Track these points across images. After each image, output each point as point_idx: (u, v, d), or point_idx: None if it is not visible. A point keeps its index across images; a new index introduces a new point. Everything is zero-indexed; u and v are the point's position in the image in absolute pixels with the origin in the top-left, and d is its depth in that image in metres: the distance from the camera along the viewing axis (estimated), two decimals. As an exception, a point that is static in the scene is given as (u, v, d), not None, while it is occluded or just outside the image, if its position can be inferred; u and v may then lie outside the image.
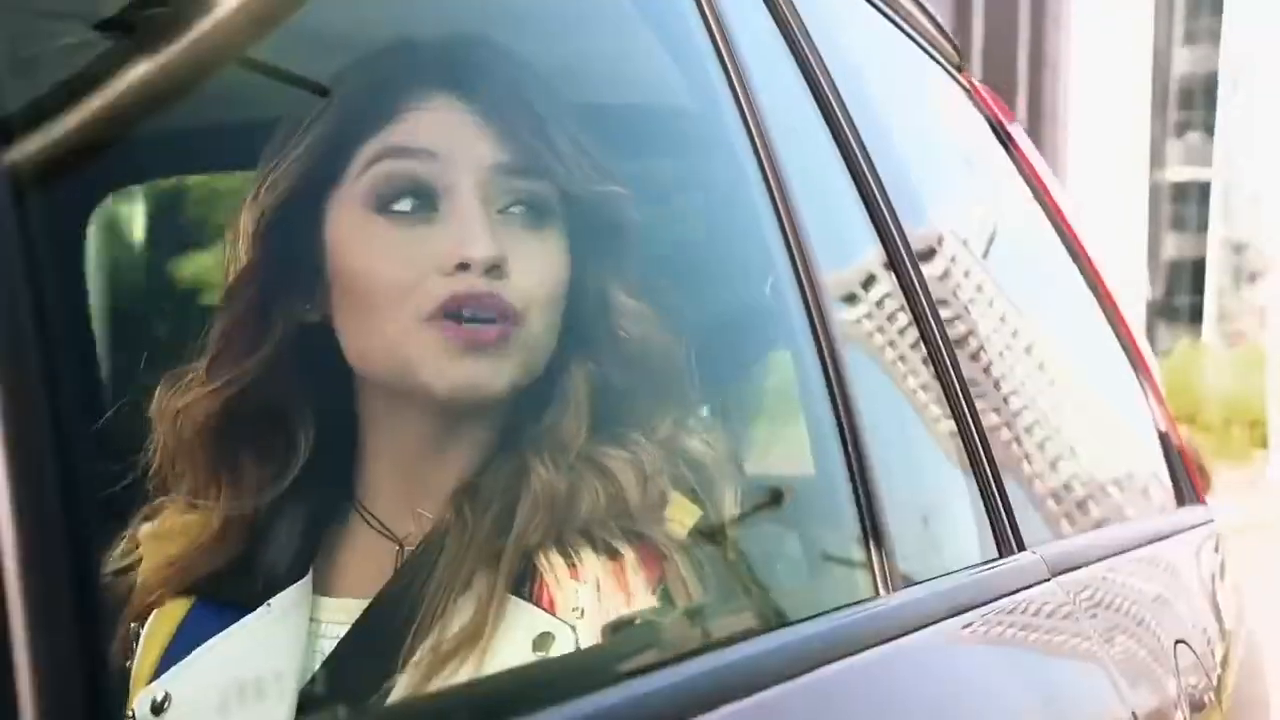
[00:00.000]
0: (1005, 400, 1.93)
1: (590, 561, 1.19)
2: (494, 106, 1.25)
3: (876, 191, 1.63)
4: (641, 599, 1.18)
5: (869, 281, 1.64)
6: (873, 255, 1.62)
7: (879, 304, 1.64)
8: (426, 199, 1.22)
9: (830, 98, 1.62)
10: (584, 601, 1.17)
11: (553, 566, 1.19)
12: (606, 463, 1.22)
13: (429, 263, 1.20)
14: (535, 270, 1.23)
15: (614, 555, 1.19)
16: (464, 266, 1.20)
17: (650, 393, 1.26)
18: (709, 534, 1.22)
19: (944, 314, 1.71)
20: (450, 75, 1.25)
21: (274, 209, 1.24)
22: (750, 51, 1.44)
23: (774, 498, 1.46)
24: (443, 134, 1.24)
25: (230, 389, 1.24)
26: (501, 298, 1.20)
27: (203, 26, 1.06)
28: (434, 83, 1.25)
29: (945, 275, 1.86)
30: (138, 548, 1.29)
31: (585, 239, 1.27)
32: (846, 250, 1.62)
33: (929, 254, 1.78)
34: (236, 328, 1.25)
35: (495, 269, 1.20)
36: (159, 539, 1.28)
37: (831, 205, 1.59)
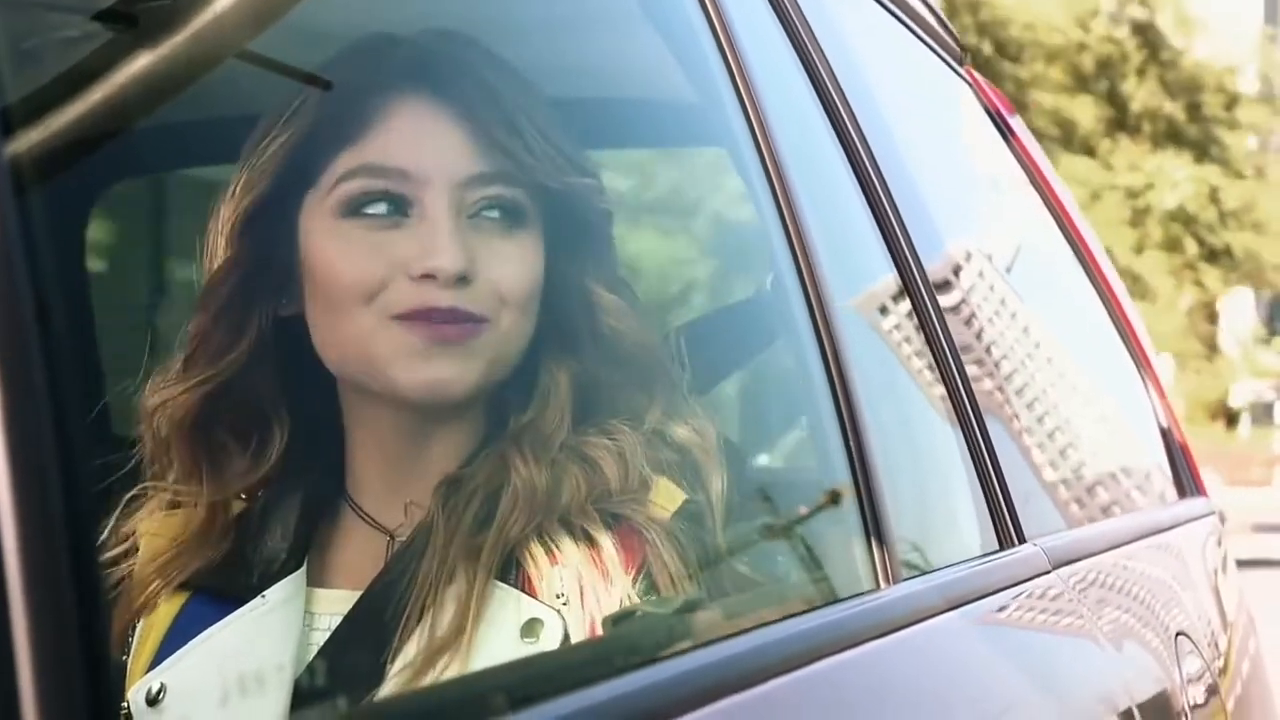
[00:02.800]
0: (1008, 391, 1.93)
1: (571, 548, 1.20)
2: (467, 107, 1.25)
3: (879, 187, 1.63)
4: (625, 585, 1.18)
5: (870, 274, 1.64)
6: (875, 250, 1.62)
7: (880, 297, 1.64)
8: (397, 207, 1.23)
9: (833, 92, 1.62)
10: (567, 587, 1.18)
11: (535, 553, 1.20)
12: (589, 451, 1.23)
13: (396, 265, 1.21)
14: (507, 273, 1.24)
15: (594, 542, 1.20)
16: (430, 277, 1.21)
17: (634, 384, 1.28)
18: (695, 519, 1.22)
19: (944, 303, 1.71)
20: (424, 76, 1.26)
21: (250, 207, 1.26)
22: (751, 45, 1.44)
23: (774, 490, 1.47)
24: (414, 149, 1.24)
25: (207, 385, 1.26)
26: (465, 310, 1.21)
27: (203, 20, 1.06)
28: (408, 86, 1.26)
29: (946, 266, 1.86)
30: (135, 541, 1.30)
31: (561, 236, 1.28)
32: (849, 245, 1.62)
33: (931, 247, 1.78)
34: (213, 324, 1.27)
35: (462, 279, 1.21)
36: (156, 532, 1.29)
37: (835, 200, 1.60)
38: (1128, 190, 22.17)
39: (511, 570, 1.20)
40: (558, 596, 1.18)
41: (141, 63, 1.03)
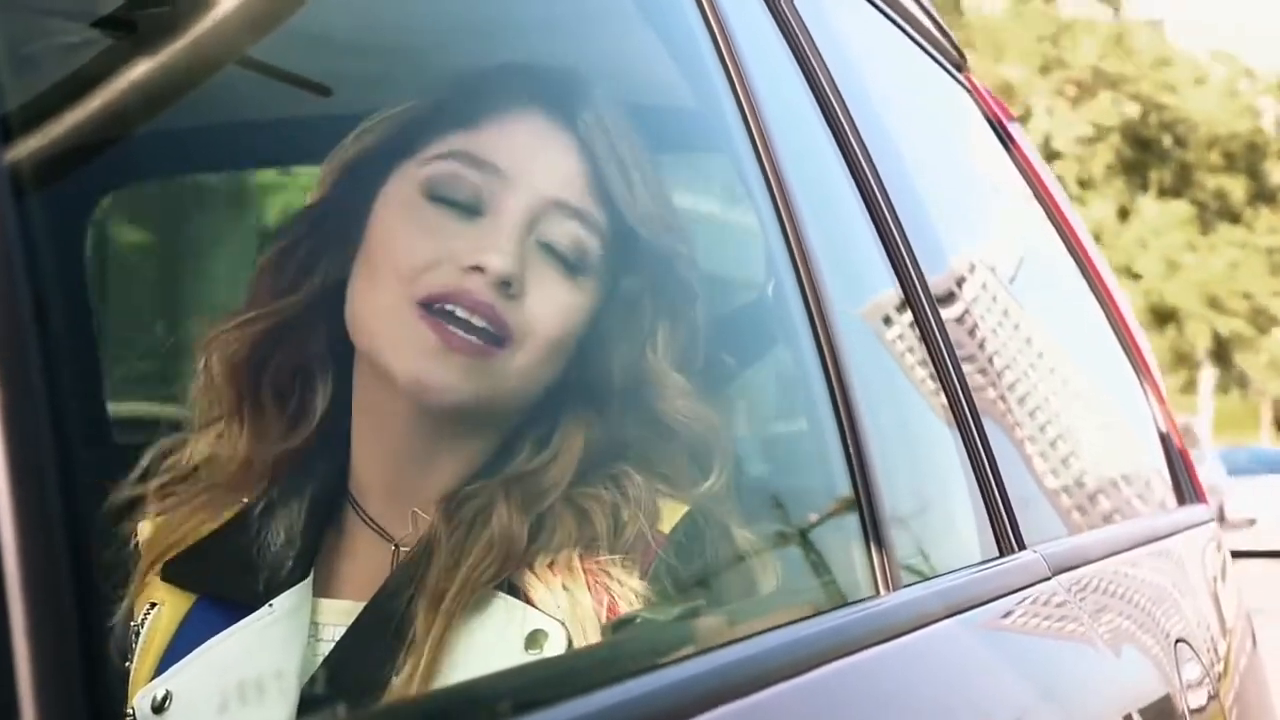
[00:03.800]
0: (1009, 399, 1.93)
1: (571, 577, 1.19)
2: (586, 146, 1.26)
3: (880, 194, 1.63)
4: (630, 596, 1.18)
5: (870, 281, 1.64)
6: (875, 257, 1.62)
7: (881, 304, 1.64)
8: (475, 202, 1.23)
9: (833, 98, 1.62)
10: (570, 599, 1.18)
11: (537, 571, 1.19)
12: (583, 503, 1.22)
13: (449, 255, 1.21)
14: (547, 309, 1.22)
15: (593, 572, 1.19)
16: (478, 269, 1.20)
17: (681, 456, 1.26)
18: (698, 533, 1.22)
19: (946, 312, 1.71)
20: (560, 104, 1.26)
21: (353, 159, 1.27)
22: (751, 51, 1.44)
23: (773, 497, 1.46)
24: (518, 154, 1.25)
25: (265, 322, 1.26)
26: (498, 312, 1.20)
27: (201, 26, 1.06)
28: (535, 103, 1.26)
29: (947, 274, 1.86)
30: (140, 546, 1.29)
31: (630, 304, 1.26)
32: (849, 252, 1.62)
33: (933, 254, 1.78)
34: (283, 257, 1.28)
35: (506, 285, 1.20)
36: (161, 538, 1.29)
37: (835, 207, 1.59)
38: (1268, 249, 29.69)
39: (515, 582, 1.19)
40: (558, 607, 1.18)
41: (140, 68, 1.03)
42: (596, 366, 1.26)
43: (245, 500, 1.28)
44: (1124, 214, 27.45)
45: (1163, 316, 27.70)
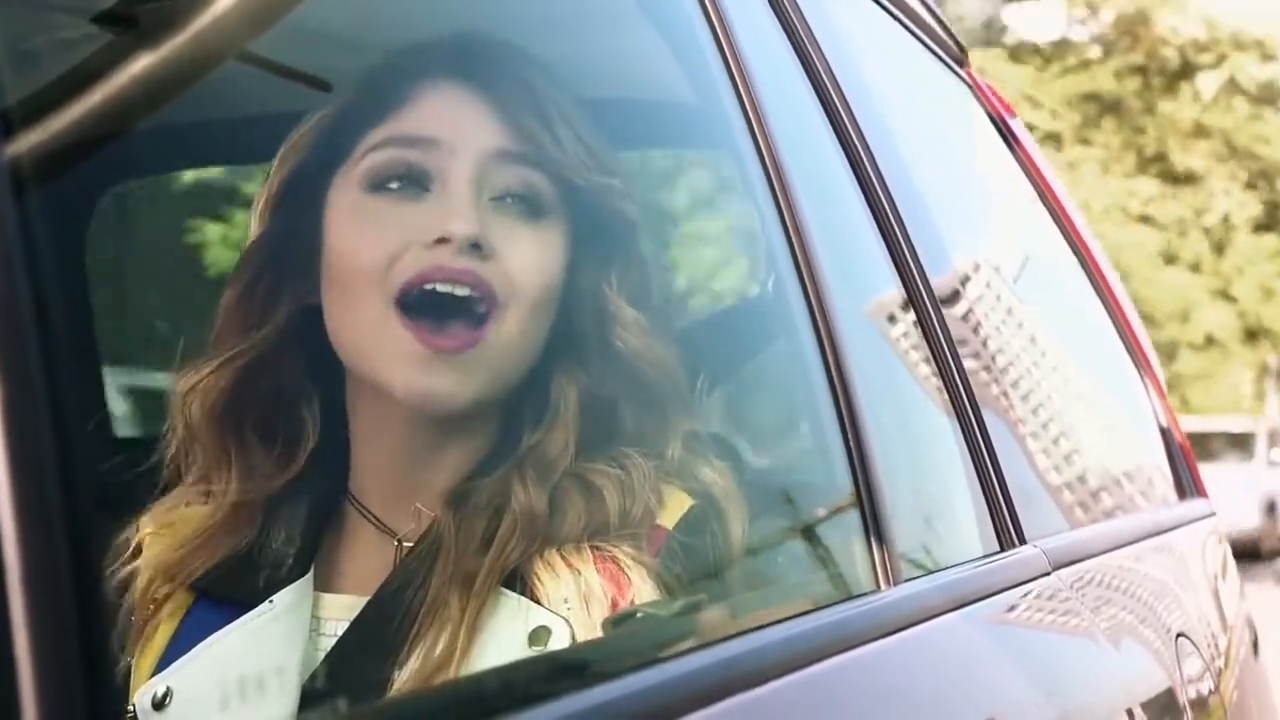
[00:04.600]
0: (1011, 396, 1.93)
1: (580, 557, 1.19)
2: (501, 98, 1.25)
3: (881, 190, 1.63)
4: (632, 592, 1.18)
5: (871, 276, 1.64)
6: (876, 252, 1.62)
7: (883, 301, 1.64)
8: (419, 181, 1.23)
9: (833, 94, 1.62)
10: (574, 594, 1.17)
11: (541, 565, 1.19)
12: (593, 479, 1.21)
13: (410, 237, 1.20)
14: (523, 262, 1.22)
15: (602, 551, 1.19)
16: (444, 240, 1.19)
17: (645, 404, 1.25)
18: (702, 527, 1.22)
19: (947, 307, 1.71)
20: (461, 67, 1.26)
21: (282, 184, 1.26)
22: (751, 46, 1.44)
23: (774, 492, 1.46)
24: (445, 122, 1.24)
25: (235, 363, 1.25)
26: (478, 275, 1.19)
27: (203, 21, 1.06)
28: (444, 74, 1.26)
29: (949, 269, 1.86)
30: (141, 543, 1.29)
31: (582, 239, 1.26)
32: (850, 248, 1.62)
33: (933, 249, 1.78)
34: (241, 300, 1.26)
35: (476, 247, 1.19)
36: (162, 534, 1.29)
37: (836, 203, 1.59)
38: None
39: (519, 579, 1.19)
40: (564, 602, 1.17)
41: (141, 64, 1.03)
42: (571, 313, 1.26)
43: (247, 517, 1.27)
44: (1220, 247, 29.28)
45: (1254, 335, 29.60)
